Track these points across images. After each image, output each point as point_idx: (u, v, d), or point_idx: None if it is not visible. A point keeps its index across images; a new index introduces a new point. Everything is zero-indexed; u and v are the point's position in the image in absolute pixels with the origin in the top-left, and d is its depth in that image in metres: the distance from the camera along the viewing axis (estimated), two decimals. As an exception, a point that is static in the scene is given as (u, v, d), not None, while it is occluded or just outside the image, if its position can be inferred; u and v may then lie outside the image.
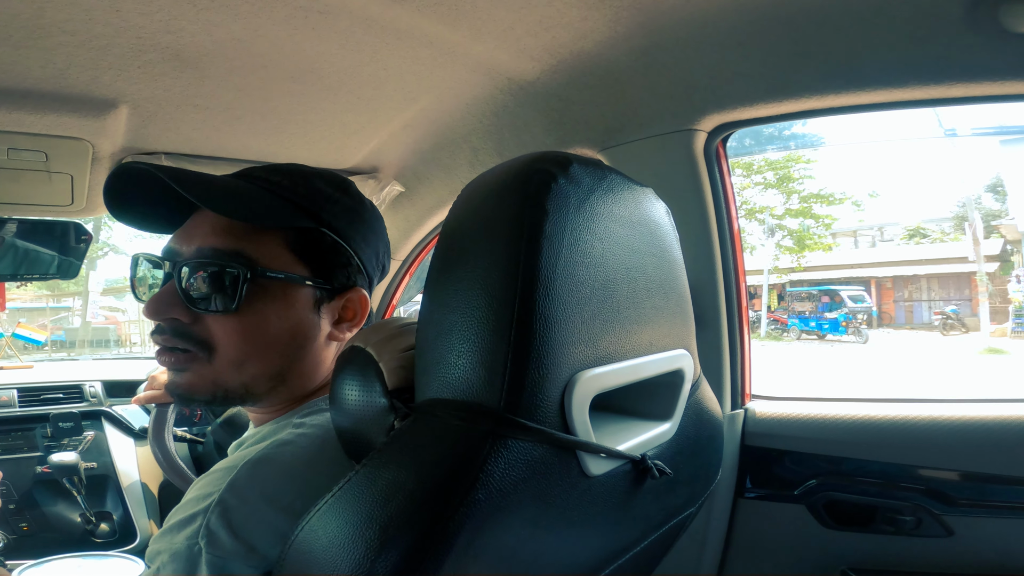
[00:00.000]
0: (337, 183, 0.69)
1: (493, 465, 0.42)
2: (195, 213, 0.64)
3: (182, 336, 0.61)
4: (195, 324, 0.61)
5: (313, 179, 0.67)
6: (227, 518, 0.52)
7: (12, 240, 1.25)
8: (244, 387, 0.63)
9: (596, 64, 0.93)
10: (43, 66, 0.83)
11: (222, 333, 0.61)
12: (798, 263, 12.24)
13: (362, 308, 0.69)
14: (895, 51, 0.77)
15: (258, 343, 0.62)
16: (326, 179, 0.68)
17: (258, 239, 0.62)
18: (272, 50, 0.86)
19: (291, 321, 0.63)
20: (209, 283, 0.60)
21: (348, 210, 0.68)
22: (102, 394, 1.68)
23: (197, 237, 0.62)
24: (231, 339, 0.61)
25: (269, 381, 0.64)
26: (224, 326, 0.61)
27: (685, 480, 0.67)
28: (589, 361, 0.48)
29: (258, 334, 0.62)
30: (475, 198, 0.49)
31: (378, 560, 0.41)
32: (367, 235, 0.69)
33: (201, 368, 0.62)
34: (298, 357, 0.65)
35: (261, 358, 0.63)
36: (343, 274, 0.67)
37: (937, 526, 0.88)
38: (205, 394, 0.63)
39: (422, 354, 0.48)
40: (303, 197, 0.65)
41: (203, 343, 0.61)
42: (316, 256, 0.65)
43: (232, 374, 0.62)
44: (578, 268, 0.47)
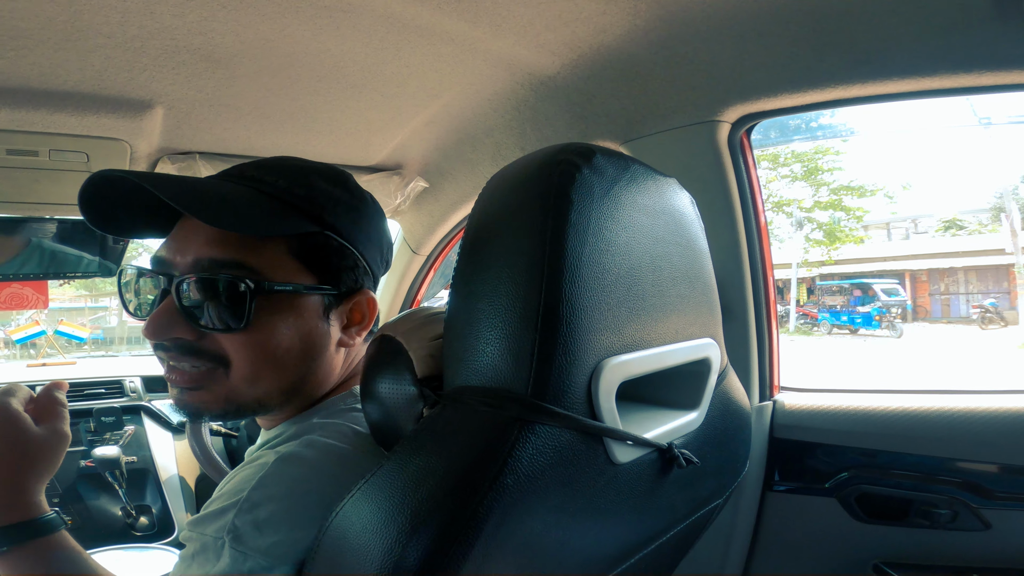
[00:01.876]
0: (335, 178, 0.65)
1: (521, 450, 0.43)
2: (184, 219, 0.61)
3: (192, 353, 0.58)
4: (202, 339, 0.58)
5: (311, 176, 0.63)
6: (254, 515, 0.52)
7: (56, 241, 1.30)
8: (257, 401, 0.61)
9: (617, 57, 0.93)
10: (81, 68, 0.86)
11: (233, 349, 0.58)
12: (828, 256, 11.95)
13: (370, 310, 0.66)
14: (922, 40, 0.75)
15: (270, 358, 0.59)
16: (324, 175, 0.64)
17: (260, 248, 0.58)
18: (298, 49, 0.88)
19: (302, 332, 0.60)
20: (213, 299, 0.56)
21: (350, 209, 0.64)
22: (141, 389, 1.74)
23: (192, 247, 0.58)
24: (242, 355, 0.58)
25: (282, 395, 0.62)
26: (234, 342, 0.58)
27: (712, 471, 0.66)
28: (615, 348, 0.48)
29: (270, 349, 0.59)
30: (500, 189, 0.50)
31: (409, 544, 0.42)
32: (370, 233, 0.66)
33: (216, 384, 0.59)
34: (311, 368, 0.63)
35: (274, 373, 0.60)
36: (350, 277, 0.63)
37: (974, 519, 0.86)
38: (216, 411, 0.60)
39: (450, 342, 0.49)
40: (303, 199, 0.61)
41: (217, 358, 0.58)
42: (322, 261, 0.61)
43: (246, 389, 0.60)
44: (603, 256, 0.47)
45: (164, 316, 0.57)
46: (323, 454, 0.57)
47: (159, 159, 1.14)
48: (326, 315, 0.62)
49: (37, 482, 0.61)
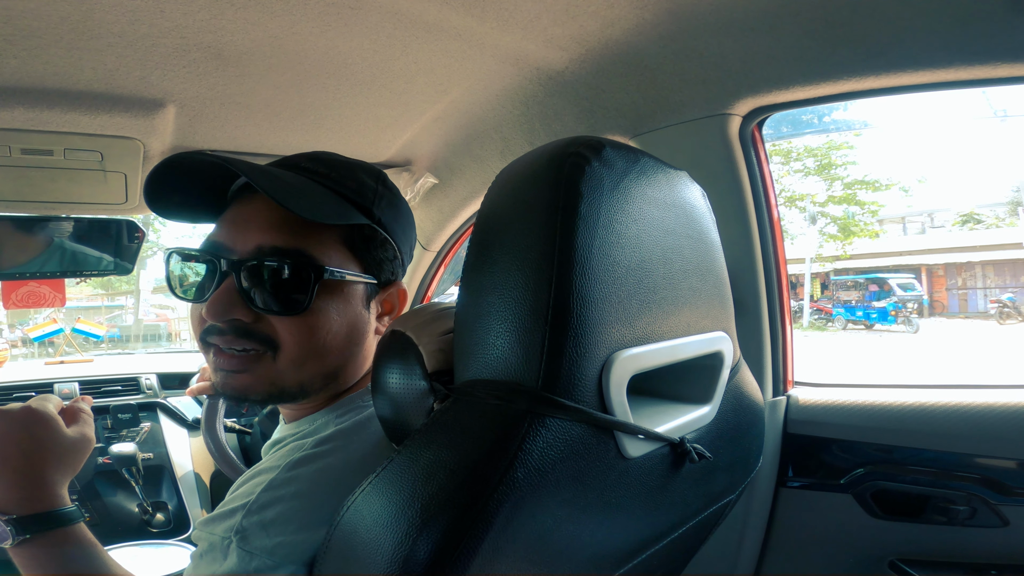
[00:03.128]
0: (376, 175, 0.68)
1: (531, 443, 0.43)
2: (237, 205, 0.63)
3: (246, 335, 0.60)
4: (257, 322, 0.60)
5: (356, 171, 0.66)
6: (261, 516, 0.53)
7: (72, 239, 1.32)
8: (300, 385, 0.63)
9: (625, 51, 0.92)
10: (94, 67, 0.87)
11: (286, 332, 0.60)
12: (843, 251, 11.81)
13: (400, 301, 0.70)
14: (935, 32, 0.74)
15: (320, 342, 0.61)
16: (366, 171, 0.68)
17: (317, 236, 0.61)
18: (307, 47, 0.88)
19: (349, 319, 0.63)
20: (274, 284, 0.59)
21: (391, 204, 0.67)
22: (157, 386, 1.76)
23: (254, 233, 0.60)
24: (295, 338, 0.60)
25: (324, 379, 0.64)
26: (288, 325, 0.60)
27: (724, 466, 0.66)
28: (626, 341, 0.48)
29: (321, 333, 0.61)
30: (510, 183, 0.50)
31: (420, 539, 0.42)
32: (406, 228, 0.70)
33: (263, 368, 0.61)
34: (353, 354, 0.65)
35: (321, 357, 0.62)
36: (389, 269, 0.67)
37: (992, 516, 0.85)
38: (261, 394, 0.62)
39: (461, 336, 0.49)
40: (354, 192, 0.64)
41: (269, 341, 0.60)
42: (368, 252, 0.65)
43: (292, 373, 0.61)
44: (613, 249, 0.47)
45: (225, 297, 0.59)
46: (336, 456, 0.58)
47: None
48: (367, 303, 0.66)
49: (62, 478, 0.64)
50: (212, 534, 0.54)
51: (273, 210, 0.60)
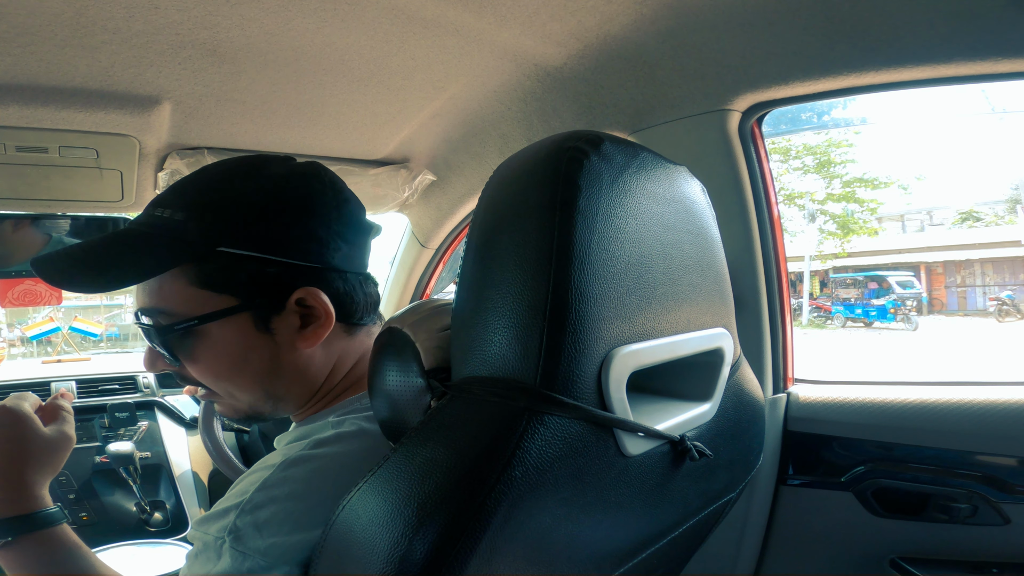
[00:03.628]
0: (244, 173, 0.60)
1: (530, 441, 0.42)
2: None
3: (183, 380, 0.65)
4: (183, 368, 0.63)
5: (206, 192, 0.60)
6: (254, 516, 0.52)
7: (68, 237, 1.31)
8: (253, 409, 0.65)
9: (623, 47, 0.91)
10: (89, 64, 0.86)
11: (197, 375, 0.63)
12: (842, 249, 11.81)
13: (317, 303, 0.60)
14: (936, 27, 0.73)
15: (225, 379, 0.62)
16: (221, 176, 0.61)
17: (161, 289, 0.59)
18: (303, 43, 0.87)
19: (238, 352, 0.60)
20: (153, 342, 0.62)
21: (251, 205, 0.58)
22: (155, 385, 1.75)
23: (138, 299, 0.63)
24: (206, 379, 0.63)
25: (266, 401, 0.64)
26: (192, 370, 0.62)
27: (725, 464, 0.65)
28: (626, 337, 0.47)
29: (217, 372, 0.62)
30: (507, 178, 0.49)
31: (415, 538, 0.41)
32: (288, 222, 0.59)
33: (218, 398, 0.65)
34: (273, 377, 0.62)
35: (240, 389, 0.63)
36: (271, 283, 0.59)
37: (993, 514, 0.84)
38: (236, 417, 0.66)
39: (458, 333, 0.49)
40: (180, 224, 0.58)
41: (198, 382, 0.64)
42: (227, 280, 0.58)
43: (235, 403, 0.65)
44: (612, 244, 0.46)
45: (149, 353, 0.64)
46: (330, 456, 0.57)
47: (168, 154, 1.15)
48: (264, 326, 0.60)
49: (42, 478, 0.64)
50: (206, 534, 0.54)
51: None
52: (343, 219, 0.62)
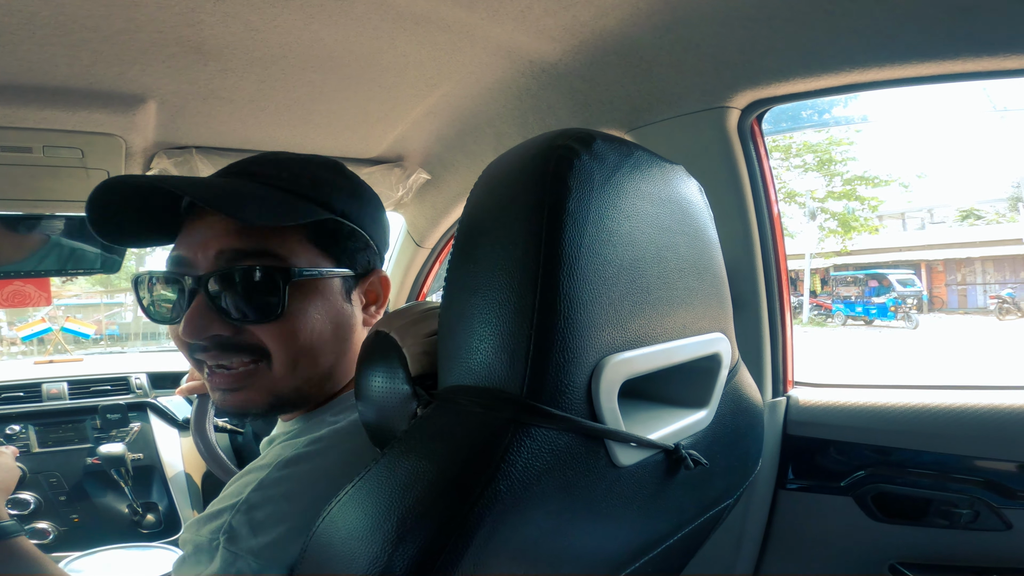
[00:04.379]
0: (332, 167, 0.67)
1: (515, 454, 0.41)
2: (192, 221, 0.61)
3: (232, 349, 0.59)
4: (240, 334, 0.58)
5: (309, 167, 0.65)
6: (250, 516, 0.51)
7: (58, 236, 1.29)
8: (297, 391, 0.61)
9: (619, 42, 0.89)
10: (70, 63, 0.85)
11: (271, 339, 0.58)
12: (843, 246, 11.79)
13: (384, 289, 0.68)
14: (939, 22, 0.71)
15: (307, 343, 0.60)
16: (320, 165, 0.66)
17: (279, 237, 0.59)
18: (290, 39, 0.86)
19: (331, 315, 0.62)
20: (244, 291, 0.57)
21: (352, 194, 0.66)
22: (147, 386, 1.73)
23: (212, 242, 0.58)
24: (282, 343, 0.58)
25: (320, 381, 0.63)
26: (271, 331, 0.58)
27: (722, 471, 0.63)
28: (618, 345, 0.46)
29: (305, 334, 0.59)
30: (496, 177, 0.48)
31: (395, 553, 0.39)
32: (374, 214, 0.68)
33: (259, 380, 0.60)
34: (344, 350, 0.64)
35: (313, 358, 0.61)
36: (363, 258, 0.66)
37: (995, 519, 0.83)
38: (261, 407, 0.61)
39: (444, 339, 0.47)
40: (309, 188, 0.62)
41: (257, 350, 0.59)
42: (337, 246, 0.63)
43: (288, 379, 0.60)
44: (604, 247, 0.44)
45: (198, 315, 0.57)
46: (328, 455, 0.56)
47: (155, 154, 1.13)
48: (348, 297, 0.64)
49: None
50: (198, 535, 0.53)
51: (228, 221, 0.58)
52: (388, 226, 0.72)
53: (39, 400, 1.59)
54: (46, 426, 1.55)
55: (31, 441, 1.51)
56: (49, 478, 1.45)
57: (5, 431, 1.50)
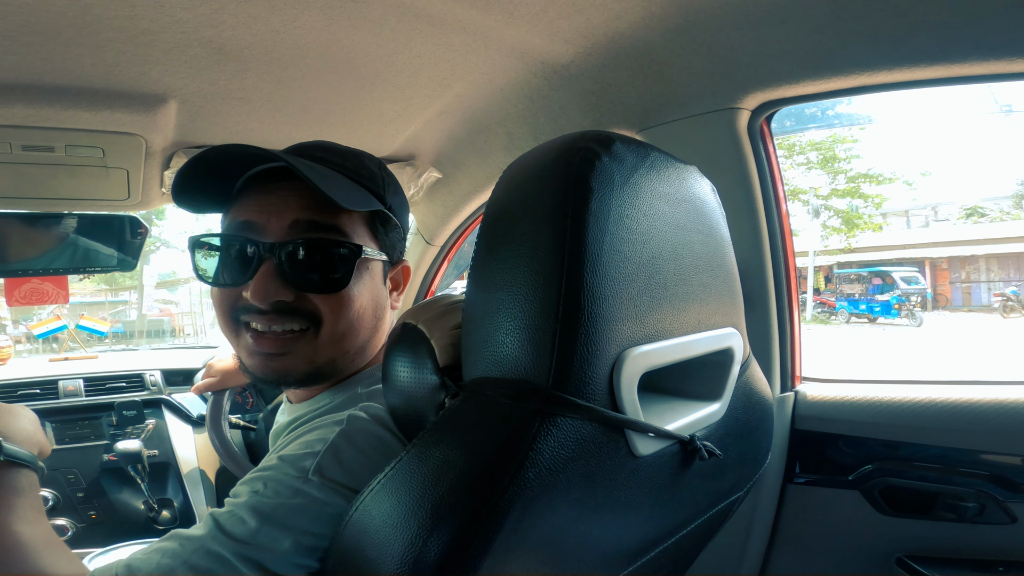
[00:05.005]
0: (378, 163, 0.73)
1: (543, 443, 0.42)
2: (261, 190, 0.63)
3: (290, 313, 0.62)
4: (298, 300, 0.62)
5: (363, 160, 0.71)
6: (339, 457, 0.54)
7: (75, 235, 1.31)
8: (332, 363, 0.66)
9: (632, 45, 0.91)
10: (94, 63, 0.86)
11: (327, 308, 0.63)
12: (847, 244, 11.77)
13: (406, 278, 0.76)
14: (950, 26, 0.72)
15: (354, 317, 0.65)
16: (370, 159, 0.72)
17: (347, 218, 0.64)
18: (309, 41, 0.87)
19: (375, 294, 0.68)
20: (315, 261, 0.61)
21: (396, 189, 0.73)
22: (162, 383, 1.75)
23: (288, 214, 0.61)
24: (336, 314, 0.63)
25: (354, 355, 0.68)
26: (328, 301, 0.63)
27: (734, 463, 0.65)
28: (637, 338, 0.47)
29: (355, 308, 0.64)
30: (518, 178, 0.49)
31: (430, 539, 0.41)
32: (405, 208, 0.76)
33: (304, 346, 0.63)
34: (378, 328, 0.70)
35: (356, 331, 0.66)
36: (399, 248, 0.73)
37: (1001, 513, 0.84)
38: (299, 374, 0.64)
39: (469, 333, 0.49)
40: (367, 179, 0.68)
41: (312, 316, 0.63)
42: (386, 234, 0.70)
43: (329, 348, 0.64)
44: (624, 245, 0.46)
45: (267, 279, 0.60)
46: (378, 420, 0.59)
47: (174, 153, 1.14)
48: (385, 280, 0.71)
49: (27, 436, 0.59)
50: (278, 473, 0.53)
51: (303, 195, 0.62)
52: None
53: (56, 397, 1.61)
54: (63, 423, 1.57)
55: (48, 438, 1.52)
56: (67, 475, 1.47)
57: (23, 427, 1.52)
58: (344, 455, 0.55)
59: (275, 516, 0.51)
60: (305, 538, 0.50)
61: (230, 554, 0.49)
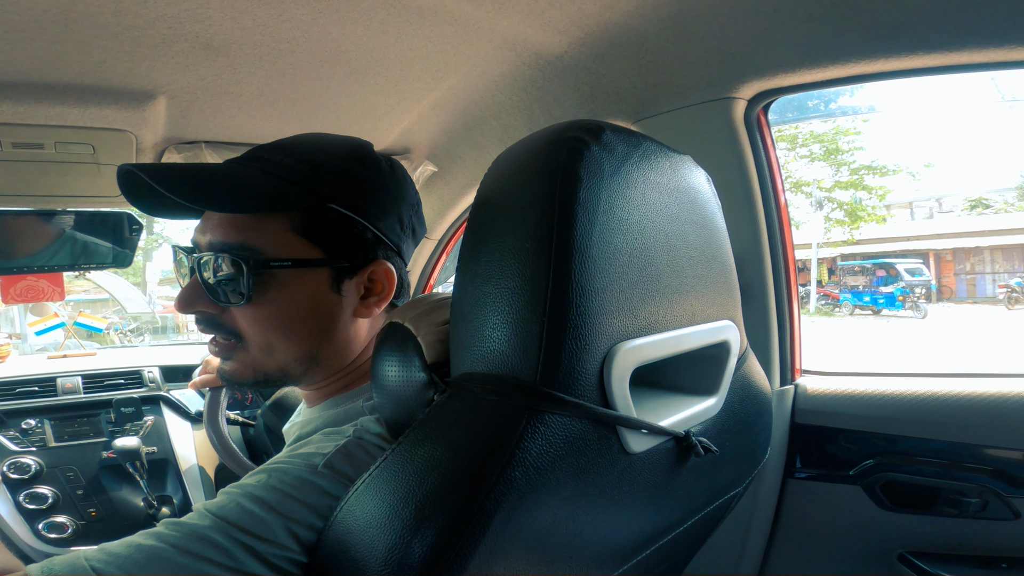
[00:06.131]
0: (346, 153, 0.66)
1: (530, 441, 0.41)
2: None
3: (214, 326, 0.64)
4: (223, 314, 0.63)
5: (318, 153, 0.65)
6: (351, 459, 0.53)
7: (70, 232, 1.31)
8: (280, 370, 0.64)
9: (625, 34, 0.89)
10: (80, 60, 0.85)
11: (244, 323, 0.62)
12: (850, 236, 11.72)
13: (388, 280, 0.67)
14: (947, 14, 0.71)
15: (279, 329, 0.62)
16: (333, 151, 0.66)
17: (262, 227, 0.61)
18: (298, 34, 0.86)
19: (308, 305, 0.63)
20: (221, 276, 0.61)
21: (359, 181, 0.64)
22: (160, 379, 1.75)
23: (209, 229, 0.62)
24: (253, 328, 0.62)
25: (302, 363, 0.65)
26: (245, 316, 0.62)
27: (731, 459, 0.64)
28: (629, 332, 0.46)
29: (277, 321, 0.62)
30: (506, 168, 0.48)
31: (414, 540, 0.40)
32: (384, 203, 0.66)
33: (240, 355, 0.64)
34: (324, 338, 0.65)
35: (287, 343, 0.63)
36: (361, 248, 0.64)
37: (1004, 508, 0.83)
38: (248, 379, 0.65)
39: (457, 328, 0.48)
40: (305, 175, 0.62)
41: (233, 332, 0.63)
42: (326, 235, 0.63)
43: (265, 360, 0.63)
44: (614, 236, 0.45)
45: (190, 291, 0.62)
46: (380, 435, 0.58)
47: (165, 149, 1.14)
48: (336, 287, 0.64)
49: None
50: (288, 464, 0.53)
51: None
52: (418, 215, 0.71)
53: (54, 394, 1.60)
54: (62, 420, 1.57)
55: (47, 435, 1.52)
56: (66, 472, 1.47)
57: (21, 425, 1.52)
58: (355, 454, 0.54)
59: (280, 505, 0.50)
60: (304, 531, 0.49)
61: (224, 538, 0.47)
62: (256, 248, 0.60)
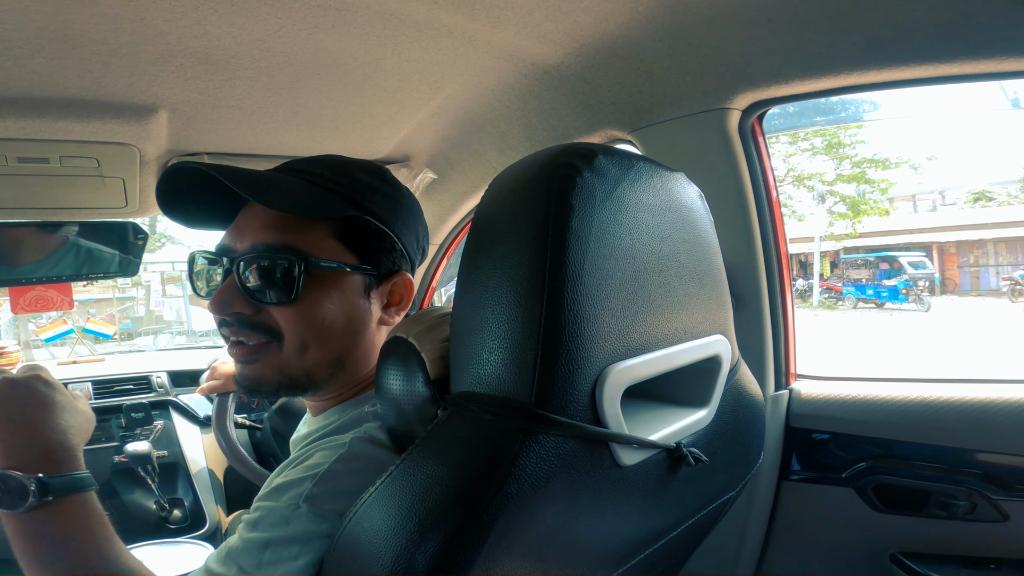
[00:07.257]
0: (374, 171, 0.70)
1: (525, 459, 0.43)
2: (244, 209, 0.67)
3: (249, 327, 0.64)
4: (259, 314, 0.64)
5: (351, 168, 0.69)
6: (334, 484, 0.55)
7: (74, 241, 1.33)
8: (306, 374, 0.66)
9: (620, 45, 0.91)
10: (81, 75, 0.87)
11: (285, 321, 0.64)
12: (853, 229, 11.67)
13: (407, 292, 0.72)
14: (939, 25, 0.72)
15: (317, 329, 0.64)
16: (363, 168, 0.70)
17: (306, 231, 0.64)
18: (295, 48, 0.87)
19: (345, 308, 0.66)
20: (266, 277, 0.63)
21: (387, 196, 0.69)
22: (168, 384, 1.77)
23: (249, 233, 0.64)
24: (294, 326, 0.64)
25: (329, 368, 0.67)
26: (285, 315, 0.64)
27: (723, 466, 0.66)
28: (620, 353, 0.48)
29: (316, 321, 0.64)
30: (502, 193, 0.49)
31: (418, 551, 0.43)
32: (407, 220, 0.71)
33: (270, 357, 0.65)
34: (355, 343, 0.68)
35: (321, 344, 0.65)
36: (388, 259, 0.69)
37: (992, 511, 0.85)
38: (272, 383, 0.66)
39: (456, 349, 0.49)
40: (344, 187, 0.67)
41: (271, 330, 0.64)
42: (361, 243, 0.67)
43: (296, 361, 0.65)
44: (606, 262, 0.46)
45: (226, 293, 0.64)
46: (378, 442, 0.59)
47: (168, 161, 1.15)
48: (367, 294, 0.68)
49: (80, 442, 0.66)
50: (275, 502, 0.56)
51: (267, 212, 0.64)
52: (426, 237, 0.77)
53: (64, 400, 1.63)
54: (72, 425, 1.59)
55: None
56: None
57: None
58: (340, 482, 0.55)
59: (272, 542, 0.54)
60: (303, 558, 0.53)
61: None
62: (303, 250, 0.63)
